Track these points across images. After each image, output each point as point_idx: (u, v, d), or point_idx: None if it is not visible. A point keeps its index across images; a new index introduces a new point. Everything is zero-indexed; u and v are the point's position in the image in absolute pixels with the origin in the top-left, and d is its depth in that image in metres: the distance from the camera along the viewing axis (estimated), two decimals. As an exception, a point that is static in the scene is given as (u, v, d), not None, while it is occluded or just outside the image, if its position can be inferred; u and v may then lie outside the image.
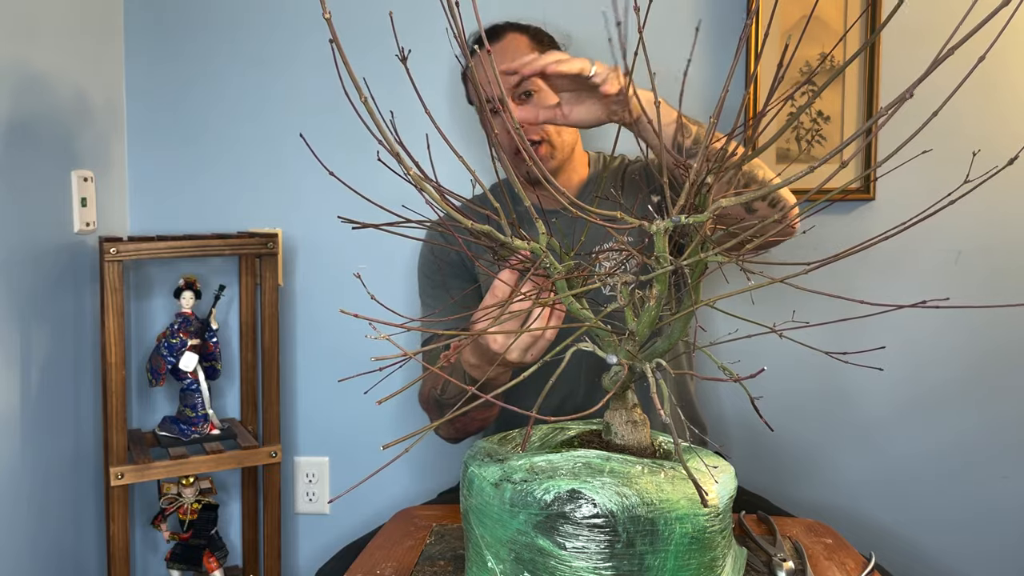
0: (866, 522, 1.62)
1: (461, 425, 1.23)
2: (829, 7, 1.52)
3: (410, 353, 0.63)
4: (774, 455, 1.62)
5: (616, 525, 0.63)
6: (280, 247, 1.55)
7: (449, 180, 0.77)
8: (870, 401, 1.60)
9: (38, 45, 1.34)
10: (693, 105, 1.56)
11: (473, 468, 0.71)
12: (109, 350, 1.35)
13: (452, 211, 0.69)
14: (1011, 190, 1.54)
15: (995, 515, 1.60)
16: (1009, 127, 1.53)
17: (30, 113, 1.32)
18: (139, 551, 1.68)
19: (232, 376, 1.65)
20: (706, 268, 0.71)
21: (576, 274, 0.74)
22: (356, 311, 0.62)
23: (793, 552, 0.88)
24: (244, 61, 1.62)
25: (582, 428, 0.80)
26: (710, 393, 1.61)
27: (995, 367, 1.58)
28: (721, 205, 0.63)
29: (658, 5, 0.99)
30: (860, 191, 1.55)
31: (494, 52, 1.27)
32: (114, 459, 1.36)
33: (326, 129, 1.57)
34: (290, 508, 1.69)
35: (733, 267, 0.68)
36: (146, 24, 1.62)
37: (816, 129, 1.54)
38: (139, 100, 1.63)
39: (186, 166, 1.64)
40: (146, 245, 1.38)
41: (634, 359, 0.71)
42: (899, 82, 1.50)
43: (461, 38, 0.64)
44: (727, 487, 0.70)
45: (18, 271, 1.29)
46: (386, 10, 0.73)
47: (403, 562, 0.85)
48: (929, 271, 1.57)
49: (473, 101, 1.42)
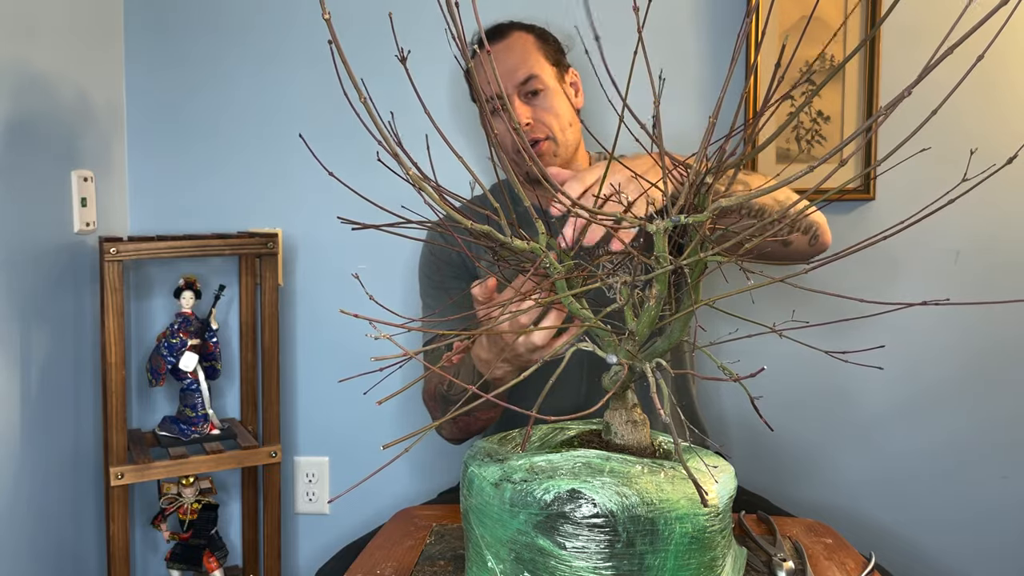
0: (866, 522, 1.62)
1: (464, 425, 1.23)
2: (829, 7, 1.52)
3: (411, 353, 0.63)
4: (774, 455, 1.62)
5: (616, 525, 0.63)
6: (280, 247, 1.55)
7: (449, 180, 0.77)
8: (870, 400, 1.60)
9: (38, 45, 1.34)
10: (693, 104, 1.57)
11: (473, 468, 0.71)
12: (109, 350, 1.35)
13: (452, 211, 0.69)
14: (1010, 189, 1.54)
15: (995, 514, 1.60)
16: (1008, 126, 1.53)
17: (30, 113, 1.32)
18: (139, 551, 1.68)
19: (232, 376, 1.65)
20: (706, 268, 0.71)
21: (576, 274, 0.74)
22: (356, 311, 0.62)
23: (793, 552, 0.88)
24: (245, 61, 1.62)
25: (582, 428, 0.80)
26: (710, 393, 1.61)
27: (995, 366, 1.58)
28: (721, 205, 0.63)
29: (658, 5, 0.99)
30: (860, 191, 1.55)
31: (500, 51, 1.28)
32: (114, 459, 1.36)
33: (326, 129, 1.57)
34: (290, 508, 1.69)
35: (733, 267, 0.68)
36: (147, 24, 1.62)
37: (816, 129, 1.54)
38: (139, 100, 1.63)
39: (186, 166, 1.64)
40: (146, 245, 1.38)
41: (634, 359, 0.71)
42: (898, 81, 1.50)
43: (461, 39, 0.64)
44: (727, 487, 0.70)
45: (18, 271, 1.29)
46: (386, 11, 0.73)
47: (403, 562, 0.85)
48: (929, 270, 1.57)
49: (477, 99, 1.43)
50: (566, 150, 1.29)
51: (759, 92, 1.52)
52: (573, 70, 1.36)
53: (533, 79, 1.26)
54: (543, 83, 1.27)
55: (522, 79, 1.26)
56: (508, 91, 1.25)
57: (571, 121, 1.29)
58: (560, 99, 1.28)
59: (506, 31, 1.31)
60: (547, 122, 1.27)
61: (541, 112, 1.27)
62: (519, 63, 1.27)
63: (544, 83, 1.27)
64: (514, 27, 1.32)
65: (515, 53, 1.28)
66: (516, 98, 1.26)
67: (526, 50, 1.28)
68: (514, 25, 1.32)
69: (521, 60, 1.27)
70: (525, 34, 1.31)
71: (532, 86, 1.26)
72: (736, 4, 1.55)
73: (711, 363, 0.73)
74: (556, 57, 1.32)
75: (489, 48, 0.65)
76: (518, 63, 1.27)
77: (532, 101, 1.27)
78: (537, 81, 1.26)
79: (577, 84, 1.36)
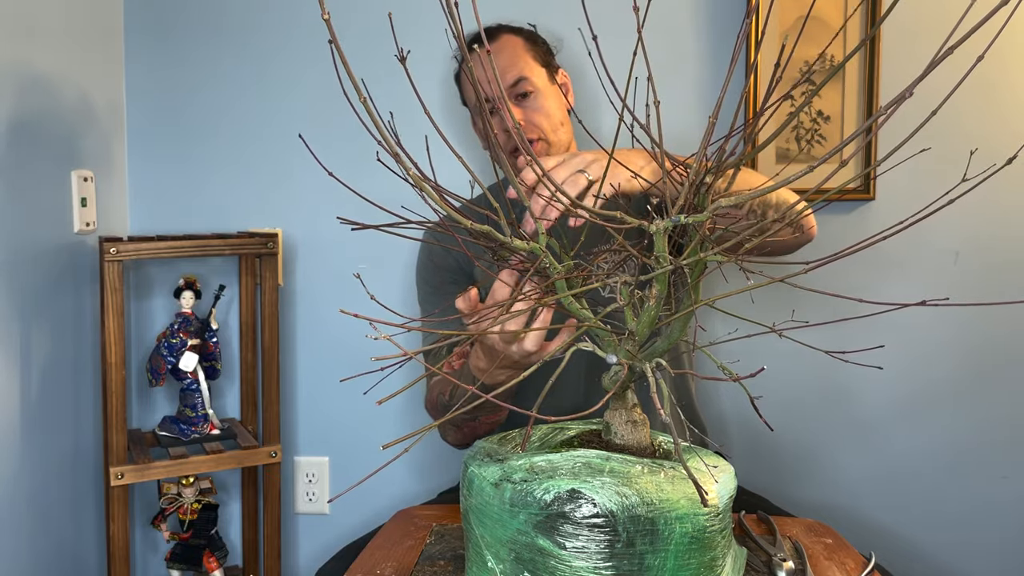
0: (866, 522, 1.62)
1: (470, 431, 1.23)
2: (829, 7, 1.52)
3: (410, 353, 0.63)
4: (774, 455, 1.62)
5: (616, 525, 0.63)
6: (280, 247, 1.55)
7: (448, 180, 0.77)
8: (870, 400, 1.60)
9: (39, 45, 1.34)
10: (693, 104, 1.57)
11: (473, 468, 0.71)
12: (109, 350, 1.35)
13: (452, 212, 0.69)
14: (1010, 189, 1.54)
15: (995, 513, 1.60)
16: (1008, 126, 1.53)
17: (30, 113, 1.32)
18: (139, 551, 1.68)
19: (232, 376, 1.65)
20: (705, 268, 0.71)
21: (576, 274, 0.74)
22: (356, 311, 0.62)
23: (793, 552, 0.88)
24: (245, 61, 1.62)
25: (582, 428, 0.80)
26: (710, 393, 1.61)
27: (994, 366, 1.58)
28: (720, 205, 0.63)
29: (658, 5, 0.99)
30: (860, 191, 1.55)
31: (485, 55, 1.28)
32: (114, 459, 1.36)
33: (326, 129, 1.57)
34: (290, 508, 1.69)
35: (733, 267, 0.68)
36: (146, 24, 1.62)
37: (816, 129, 1.54)
38: (139, 100, 1.63)
39: (186, 166, 1.64)
40: (146, 245, 1.38)
41: (634, 359, 0.71)
42: (899, 82, 1.50)
43: (461, 39, 0.64)
44: (727, 487, 0.70)
45: (18, 271, 1.29)
46: (385, 11, 0.73)
47: (403, 562, 0.85)
48: (928, 270, 1.57)
49: (467, 103, 1.43)
50: (558, 150, 1.29)
51: (759, 92, 1.52)
52: (563, 71, 1.37)
53: (523, 81, 1.27)
54: (533, 85, 1.28)
55: (511, 81, 1.27)
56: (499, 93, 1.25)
57: (562, 121, 1.30)
58: (550, 100, 1.29)
59: (495, 34, 1.32)
60: (538, 123, 1.27)
61: (531, 113, 1.27)
62: (508, 65, 1.28)
63: (534, 85, 1.28)
64: (502, 30, 1.32)
65: (504, 56, 1.28)
66: (509, 100, 1.26)
67: (515, 53, 1.29)
68: (502, 28, 1.33)
69: (510, 63, 1.28)
70: (514, 36, 1.32)
71: (522, 88, 1.27)
72: (736, 4, 1.55)
73: (711, 363, 0.73)
74: (546, 58, 1.33)
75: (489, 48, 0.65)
76: (507, 66, 1.28)
77: (522, 103, 1.28)
78: (527, 83, 1.27)
79: (567, 84, 1.37)
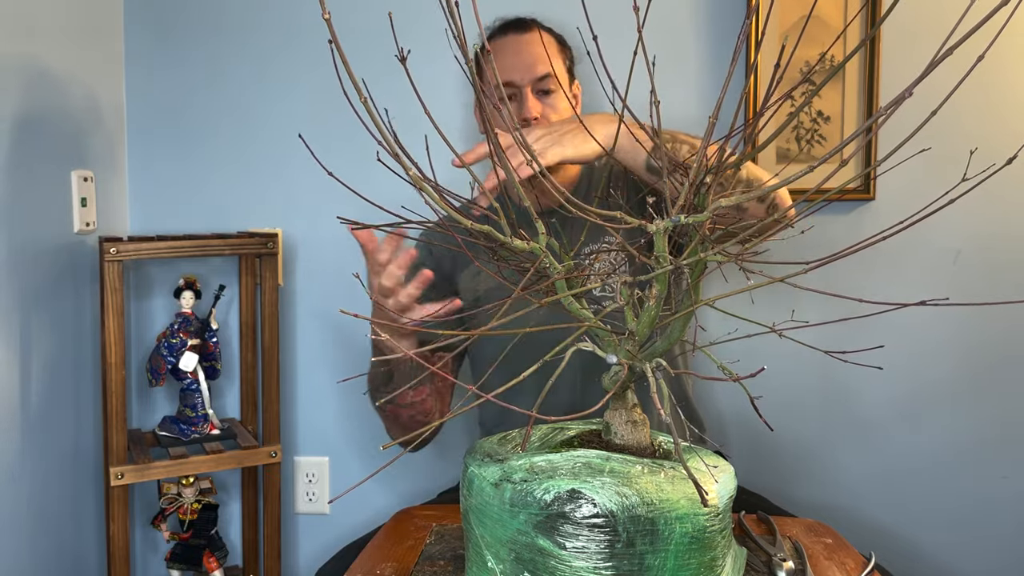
0: (866, 522, 1.62)
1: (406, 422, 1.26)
2: (829, 7, 1.52)
3: (410, 353, 0.63)
4: (774, 455, 1.62)
5: (616, 525, 0.63)
6: (280, 247, 1.55)
7: (448, 181, 0.77)
8: (870, 400, 1.60)
9: (38, 45, 1.34)
10: (693, 104, 1.56)
11: (473, 468, 0.71)
12: (109, 350, 1.35)
13: (452, 212, 0.69)
14: (1010, 189, 1.54)
15: (995, 513, 1.60)
16: (1008, 126, 1.53)
17: (30, 113, 1.32)
18: (139, 551, 1.68)
19: (232, 376, 1.65)
20: (705, 268, 0.71)
21: (575, 274, 0.74)
22: (356, 311, 0.62)
23: (793, 552, 0.88)
24: (245, 61, 1.62)
25: (582, 428, 0.80)
26: (709, 393, 1.61)
27: (994, 366, 1.58)
28: (721, 205, 0.63)
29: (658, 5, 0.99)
30: (860, 191, 1.55)
31: (521, 42, 1.30)
32: (114, 459, 1.36)
33: (326, 129, 1.57)
34: (290, 508, 1.69)
35: (732, 267, 0.68)
36: (147, 24, 1.62)
37: (816, 129, 1.54)
38: (140, 100, 1.63)
39: (186, 166, 1.64)
40: (146, 245, 1.38)
41: (634, 359, 0.71)
42: (899, 82, 1.50)
43: (461, 39, 0.64)
44: (727, 487, 0.70)
45: (18, 271, 1.29)
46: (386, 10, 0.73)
47: (403, 562, 0.85)
48: (928, 270, 1.57)
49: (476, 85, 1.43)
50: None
51: (759, 92, 1.52)
52: (577, 83, 1.38)
53: (549, 78, 1.28)
54: (556, 84, 1.28)
55: (540, 75, 1.27)
56: (524, 82, 1.26)
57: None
58: (566, 105, 1.29)
59: (529, 25, 1.33)
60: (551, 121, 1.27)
61: (550, 111, 1.28)
62: (540, 58, 1.28)
63: (556, 85, 1.29)
64: (537, 24, 1.34)
65: (537, 48, 1.29)
66: (529, 91, 1.26)
67: (549, 49, 1.30)
68: (537, 23, 1.34)
69: (542, 57, 1.29)
70: (548, 34, 1.33)
71: (547, 84, 1.28)
72: (736, 4, 1.55)
73: (710, 363, 0.73)
74: (569, 65, 1.35)
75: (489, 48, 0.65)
76: (539, 58, 1.28)
77: (543, 99, 1.28)
78: (552, 81, 1.28)
79: (579, 97, 1.38)
